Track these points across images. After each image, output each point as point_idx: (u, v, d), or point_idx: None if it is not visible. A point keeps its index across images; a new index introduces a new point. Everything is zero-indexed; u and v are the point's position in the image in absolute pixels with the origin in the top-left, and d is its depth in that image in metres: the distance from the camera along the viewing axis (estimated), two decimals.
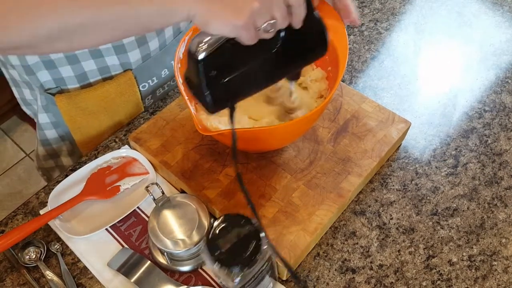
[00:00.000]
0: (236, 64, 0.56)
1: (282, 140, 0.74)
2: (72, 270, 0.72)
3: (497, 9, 1.09)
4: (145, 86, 0.90)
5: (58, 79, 0.82)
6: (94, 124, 0.89)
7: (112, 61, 0.83)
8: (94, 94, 0.84)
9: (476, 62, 0.99)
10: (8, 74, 0.89)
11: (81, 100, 0.84)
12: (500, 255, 0.73)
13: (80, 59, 0.80)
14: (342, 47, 0.72)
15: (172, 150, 0.79)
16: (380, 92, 0.93)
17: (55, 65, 0.79)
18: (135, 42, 0.82)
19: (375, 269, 0.72)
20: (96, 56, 0.81)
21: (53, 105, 0.84)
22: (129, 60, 0.84)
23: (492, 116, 0.90)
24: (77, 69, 0.81)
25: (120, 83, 0.85)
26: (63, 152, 0.95)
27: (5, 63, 0.84)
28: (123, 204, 0.77)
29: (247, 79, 0.58)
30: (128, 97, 0.89)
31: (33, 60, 0.78)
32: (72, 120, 0.87)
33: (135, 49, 0.83)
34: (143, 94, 0.91)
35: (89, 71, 0.82)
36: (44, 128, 0.91)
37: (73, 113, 0.86)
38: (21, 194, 1.88)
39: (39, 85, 0.82)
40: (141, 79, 0.88)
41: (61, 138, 0.93)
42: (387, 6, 1.10)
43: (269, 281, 0.65)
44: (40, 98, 0.85)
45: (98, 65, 0.82)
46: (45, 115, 0.88)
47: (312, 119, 0.71)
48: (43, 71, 0.80)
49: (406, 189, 0.80)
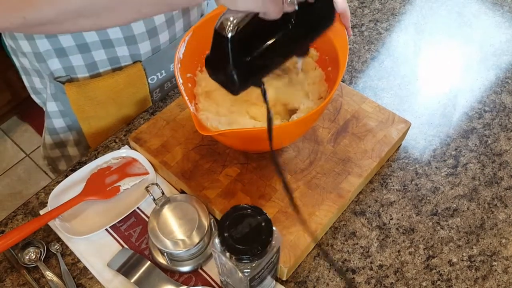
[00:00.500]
0: (259, 41, 0.57)
1: (282, 140, 0.74)
2: (72, 270, 0.72)
3: (497, 9, 1.09)
4: (153, 78, 0.91)
5: (68, 68, 0.83)
6: (102, 114, 0.90)
7: (123, 52, 0.83)
8: (103, 84, 0.85)
9: (476, 63, 0.99)
10: (18, 62, 0.90)
11: (90, 90, 0.85)
12: (500, 256, 0.73)
13: (91, 49, 0.81)
14: (342, 47, 0.72)
15: (172, 151, 0.79)
16: (380, 92, 0.93)
17: (66, 54, 0.80)
18: (146, 33, 0.82)
19: (375, 269, 0.72)
20: (107, 46, 0.81)
21: (62, 93, 0.85)
22: (139, 51, 0.85)
23: (492, 117, 0.90)
24: (87, 58, 0.82)
25: (130, 74, 0.86)
26: (69, 142, 0.97)
27: (16, 50, 0.85)
28: (123, 205, 0.77)
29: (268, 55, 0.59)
30: (137, 89, 0.90)
31: (45, 47, 0.79)
32: (80, 109, 0.88)
33: (145, 41, 0.84)
34: (152, 87, 0.92)
35: (99, 61, 0.83)
36: (52, 116, 0.92)
37: (82, 102, 0.86)
38: (21, 195, 1.88)
39: (49, 73, 0.83)
40: (150, 71, 0.89)
41: (68, 128, 0.94)
42: (387, 7, 1.10)
43: (270, 281, 0.65)
44: (49, 86, 0.86)
45: (108, 55, 0.83)
46: (53, 104, 0.89)
47: (312, 119, 0.71)
48: (54, 59, 0.81)
49: (406, 189, 0.80)
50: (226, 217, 0.57)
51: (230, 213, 0.57)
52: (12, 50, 0.87)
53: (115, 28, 0.79)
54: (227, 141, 0.74)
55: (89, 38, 0.79)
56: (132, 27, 0.80)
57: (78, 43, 0.79)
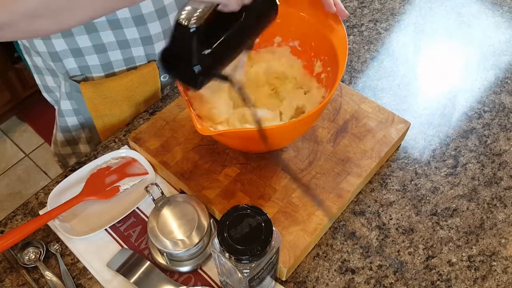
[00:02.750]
0: (217, 33, 0.57)
1: (281, 140, 0.74)
2: (72, 270, 0.72)
3: (497, 10, 1.09)
4: (166, 76, 0.93)
5: (83, 67, 0.84)
6: (115, 112, 0.91)
7: (138, 52, 0.84)
8: (119, 83, 0.86)
9: (476, 63, 0.99)
10: (31, 61, 0.91)
11: (105, 89, 0.86)
12: (500, 256, 0.73)
13: (107, 49, 0.82)
14: (342, 47, 0.72)
15: (171, 151, 0.79)
16: (380, 92, 0.94)
17: (82, 54, 0.81)
18: (162, 33, 0.83)
19: (374, 269, 0.72)
20: (123, 47, 0.82)
21: (77, 92, 0.86)
22: (154, 51, 0.86)
23: (491, 117, 0.90)
24: (103, 59, 0.83)
25: (144, 73, 0.87)
26: (81, 139, 0.98)
27: (29, 49, 0.86)
28: (123, 205, 0.77)
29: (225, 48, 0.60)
30: (150, 87, 0.91)
31: (61, 47, 0.80)
32: (95, 108, 0.89)
33: (161, 41, 0.85)
34: (163, 84, 0.94)
35: (115, 61, 0.84)
36: (65, 115, 0.93)
37: (97, 101, 0.87)
38: (20, 195, 1.88)
39: (64, 72, 0.84)
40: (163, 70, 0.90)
41: (81, 126, 0.95)
42: (387, 7, 1.10)
43: (270, 281, 0.65)
44: (64, 84, 0.87)
45: (124, 56, 0.84)
46: (67, 102, 0.90)
47: (312, 119, 0.71)
48: (70, 58, 0.82)
49: (405, 189, 0.80)
50: (226, 217, 0.57)
51: (229, 213, 0.57)
52: (25, 48, 0.88)
53: (132, 29, 0.80)
54: (227, 141, 0.74)
55: (105, 39, 0.80)
56: (148, 28, 0.81)
57: (95, 44, 0.80)
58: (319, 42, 0.77)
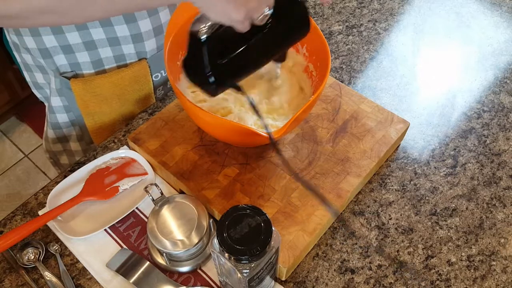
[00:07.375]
0: (233, 45, 0.59)
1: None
2: (71, 271, 0.72)
3: (496, 10, 1.09)
4: (158, 76, 0.92)
5: (73, 64, 0.83)
6: (106, 110, 0.91)
7: (129, 50, 0.84)
8: (109, 80, 0.86)
9: (475, 63, 0.99)
10: (20, 58, 0.91)
11: (96, 86, 0.86)
12: (499, 255, 0.73)
13: (97, 46, 0.81)
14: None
15: (171, 151, 0.79)
16: (379, 92, 0.94)
17: (73, 50, 0.81)
18: (152, 31, 0.83)
19: (374, 269, 0.72)
20: (114, 44, 0.82)
21: (67, 89, 0.86)
22: (145, 49, 0.86)
23: (490, 117, 0.90)
24: (93, 55, 0.83)
25: (135, 71, 0.87)
26: (72, 136, 0.97)
27: (19, 46, 0.86)
28: (122, 205, 0.77)
29: (243, 59, 0.61)
30: (141, 85, 0.90)
31: (51, 43, 0.80)
32: (85, 105, 0.88)
33: (151, 39, 0.85)
34: (155, 84, 0.93)
35: (105, 58, 0.84)
36: (56, 111, 0.93)
37: (87, 98, 0.87)
38: (19, 195, 1.88)
39: (54, 69, 0.84)
40: (154, 68, 0.90)
41: (72, 123, 0.95)
42: (386, 7, 1.10)
43: (269, 281, 0.65)
44: (54, 81, 0.87)
45: (115, 53, 0.84)
46: (58, 99, 0.90)
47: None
48: (60, 55, 0.81)
49: (405, 189, 0.80)
50: (225, 218, 0.57)
51: (229, 214, 0.57)
52: (14, 45, 0.88)
53: (122, 26, 0.80)
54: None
55: (96, 36, 0.80)
56: (139, 25, 0.81)
57: (85, 41, 0.80)
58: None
